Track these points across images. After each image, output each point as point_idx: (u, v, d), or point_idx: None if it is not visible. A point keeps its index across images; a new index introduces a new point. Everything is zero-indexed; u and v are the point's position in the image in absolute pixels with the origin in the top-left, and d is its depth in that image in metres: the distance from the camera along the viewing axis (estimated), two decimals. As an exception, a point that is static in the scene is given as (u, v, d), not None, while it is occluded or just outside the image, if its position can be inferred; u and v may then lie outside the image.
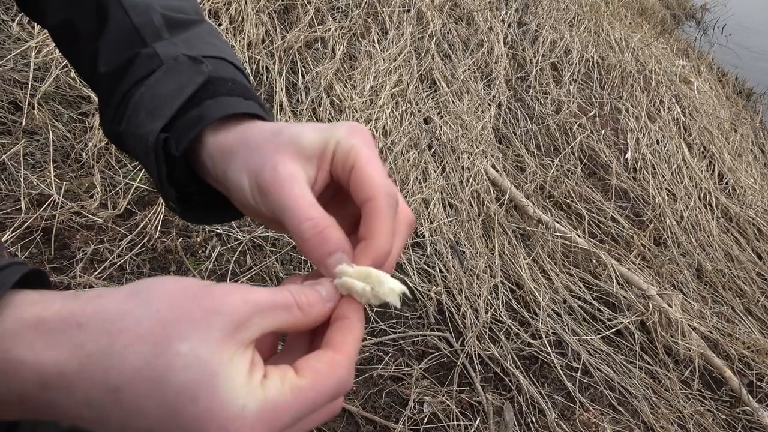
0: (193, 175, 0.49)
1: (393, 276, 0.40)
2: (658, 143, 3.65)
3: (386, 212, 0.39)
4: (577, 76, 3.79)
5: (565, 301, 2.52)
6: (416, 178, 2.61)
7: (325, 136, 0.41)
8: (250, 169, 0.41)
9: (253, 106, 0.48)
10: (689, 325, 2.62)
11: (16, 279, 0.32)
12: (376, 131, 2.65)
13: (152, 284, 0.32)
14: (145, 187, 2.07)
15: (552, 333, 2.35)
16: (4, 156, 1.88)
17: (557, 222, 2.80)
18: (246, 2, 2.71)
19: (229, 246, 2.07)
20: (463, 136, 2.92)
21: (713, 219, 3.38)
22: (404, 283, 1.77)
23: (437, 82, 3.13)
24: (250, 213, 0.46)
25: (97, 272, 1.81)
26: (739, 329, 2.80)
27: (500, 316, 2.34)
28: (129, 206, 2.00)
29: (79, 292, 0.32)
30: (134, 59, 0.49)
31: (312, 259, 0.39)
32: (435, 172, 2.69)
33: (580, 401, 2.19)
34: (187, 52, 0.49)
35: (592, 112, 3.62)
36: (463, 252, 2.46)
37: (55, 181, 1.90)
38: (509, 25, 3.83)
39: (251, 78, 2.55)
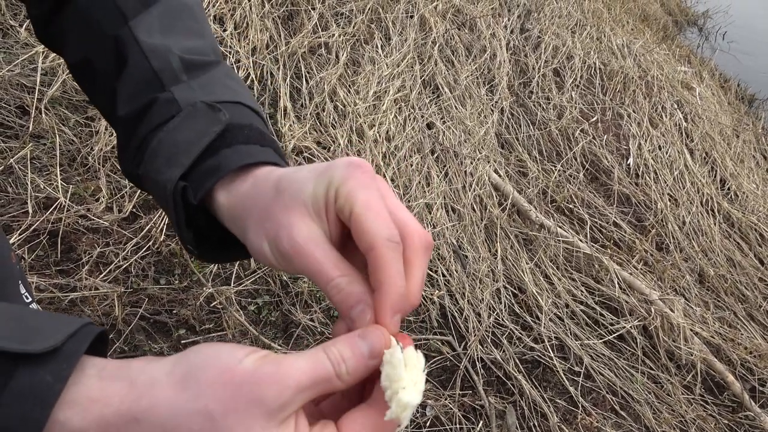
0: (209, 218, 0.49)
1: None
2: (660, 149, 3.66)
3: (389, 259, 0.38)
4: (580, 82, 3.81)
5: (567, 306, 2.53)
6: (419, 182, 2.62)
7: (325, 186, 0.40)
8: (267, 234, 0.41)
9: (269, 153, 0.48)
10: (691, 330, 2.62)
11: (85, 349, 0.34)
12: (380, 136, 2.66)
13: (199, 372, 0.34)
14: (151, 190, 2.08)
15: (554, 337, 2.36)
16: (11, 160, 1.90)
17: (559, 227, 2.81)
18: (251, 8, 2.74)
19: (233, 249, 2.08)
20: (465, 141, 2.93)
21: (715, 224, 3.39)
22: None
23: (440, 87, 3.15)
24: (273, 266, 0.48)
25: (102, 275, 1.83)
26: (742, 334, 2.80)
27: (503, 320, 2.35)
28: (134, 210, 2.02)
29: (134, 376, 0.34)
30: (152, 104, 0.50)
31: (339, 314, 0.40)
32: (438, 176, 2.70)
33: (582, 405, 2.20)
34: (205, 98, 0.50)
35: (595, 118, 3.63)
36: (466, 256, 2.47)
37: (61, 184, 1.92)
38: (512, 32, 3.85)
39: (266, 117, 2.57)
